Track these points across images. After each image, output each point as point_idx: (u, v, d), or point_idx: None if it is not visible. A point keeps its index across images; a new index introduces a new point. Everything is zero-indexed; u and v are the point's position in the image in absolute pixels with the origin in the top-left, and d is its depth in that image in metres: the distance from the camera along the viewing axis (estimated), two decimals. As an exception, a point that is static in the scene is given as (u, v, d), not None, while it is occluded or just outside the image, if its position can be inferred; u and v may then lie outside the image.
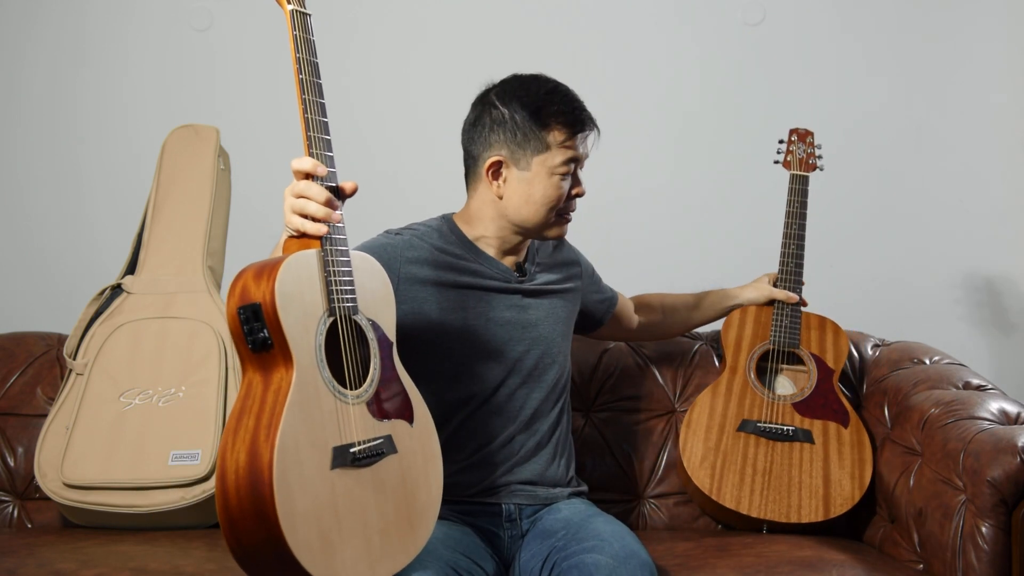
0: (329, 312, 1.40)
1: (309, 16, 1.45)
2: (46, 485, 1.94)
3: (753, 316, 2.18)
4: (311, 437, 1.34)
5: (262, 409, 1.33)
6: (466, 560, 1.57)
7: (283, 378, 1.35)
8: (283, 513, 1.27)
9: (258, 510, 1.27)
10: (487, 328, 1.76)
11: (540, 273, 1.86)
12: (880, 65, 2.79)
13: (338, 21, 2.80)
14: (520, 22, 2.80)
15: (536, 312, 1.82)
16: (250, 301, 1.34)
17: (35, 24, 2.81)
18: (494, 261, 1.80)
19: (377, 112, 2.81)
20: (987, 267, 2.79)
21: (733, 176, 2.78)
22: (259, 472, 1.28)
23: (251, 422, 1.32)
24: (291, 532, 1.27)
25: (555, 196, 1.72)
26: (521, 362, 1.78)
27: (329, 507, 1.34)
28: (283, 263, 1.35)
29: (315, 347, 1.37)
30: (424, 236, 1.78)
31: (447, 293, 1.75)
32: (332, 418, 1.38)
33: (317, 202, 1.37)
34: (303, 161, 1.39)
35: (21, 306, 2.78)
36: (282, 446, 1.29)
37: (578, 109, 1.73)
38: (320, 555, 1.30)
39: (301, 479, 1.30)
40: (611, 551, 1.54)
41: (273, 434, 1.29)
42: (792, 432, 2.03)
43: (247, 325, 1.34)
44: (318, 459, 1.34)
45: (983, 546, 1.70)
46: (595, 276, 2.04)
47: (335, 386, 1.39)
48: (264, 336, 1.34)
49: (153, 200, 2.23)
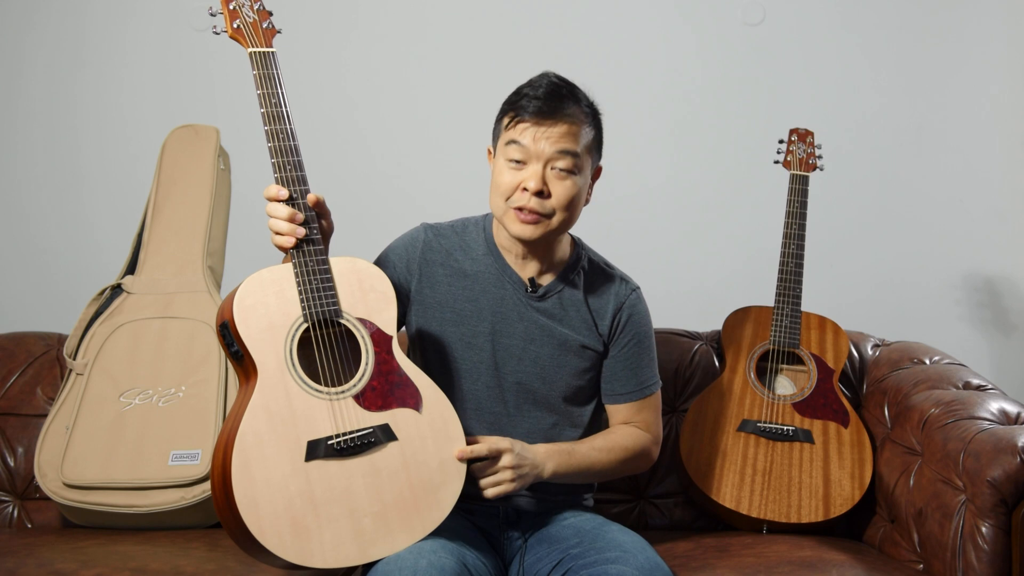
0: (304, 318, 1.54)
1: (272, 53, 1.63)
2: (46, 485, 1.94)
3: (753, 316, 2.18)
4: (277, 434, 1.48)
5: (235, 413, 1.49)
6: (472, 554, 1.58)
7: (252, 385, 1.50)
8: (243, 506, 1.43)
9: (228, 503, 1.44)
10: (470, 338, 1.76)
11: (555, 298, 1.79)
12: (880, 65, 2.79)
13: (337, 21, 2.80)
14: (520, 22, 2.80)
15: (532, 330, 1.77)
16: (223, 319, 1.53)
17: (35, 24, 2.81)
18: (508, 268, 1.78)
19: (379, 111, 2.81)
20: (987, 267, 2.79)
21: (733, 176, 2.78)
22: (225, 470, 1.44)
23: (227, 425, 1.50)
24: (254, 521, 1.43)
25: (502, 183, 1.68)
26: (506, 378, 1.76)
27: (303, 496, 1.47)
28: (244, 281, 1.53)
29: (285, 352, 1.52)
30: (445, 235, 1.81)
31: (444, 293, 1.77)
32: (306, 415, 1.51)
33: (280, 218, 1.55)
34: (268, 189, 1.57)
35: (21, 306, 2.78)
36: (240, 446, 1.45)
37: (527, 97, 1.67)
38: (291, 540, 1.44)
39: (265, 473, 1.45)
40: (636, 563, 1.53)
41: (233, 436, 1.45)
42: (792, 432, 2.03)
43: (225, 340, 1.53)
44: (288, 454, 1.48)
45: (983, 546, 1.70)
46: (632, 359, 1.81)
47: (310, 386, 1.52)
48: (235, 350, 1.52)
49: (153, 200, 2.23)
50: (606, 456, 1.76)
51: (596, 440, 1.78)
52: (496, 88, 1.78)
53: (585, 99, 1.72)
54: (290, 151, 1.58)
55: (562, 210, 1.68)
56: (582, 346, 1.78)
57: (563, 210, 1.68)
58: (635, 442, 1.80)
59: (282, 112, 1.59)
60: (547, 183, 1.66)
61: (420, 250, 1.79)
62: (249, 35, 1.62)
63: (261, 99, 1.58)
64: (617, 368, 1.81)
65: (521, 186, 1.66)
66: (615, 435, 1.80)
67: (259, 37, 1.63)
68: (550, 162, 1.66)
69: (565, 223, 1.71)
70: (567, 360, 1.77)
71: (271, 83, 1.60)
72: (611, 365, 1.81)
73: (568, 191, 1.67)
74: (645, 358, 1.83)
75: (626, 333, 1.80)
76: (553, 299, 1.78)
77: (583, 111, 1.70)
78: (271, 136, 1.57)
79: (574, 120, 1.67)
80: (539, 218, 1.67)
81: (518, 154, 1.66)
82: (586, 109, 1.71)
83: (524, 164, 1.66)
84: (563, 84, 1.71)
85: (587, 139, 1.70)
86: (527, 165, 1.66)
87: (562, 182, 1.67)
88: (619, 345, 1.80)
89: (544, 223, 1.68)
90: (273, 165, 1.56)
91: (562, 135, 1.65)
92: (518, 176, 1.66)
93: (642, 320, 1.83)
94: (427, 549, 1.49)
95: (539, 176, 1.65)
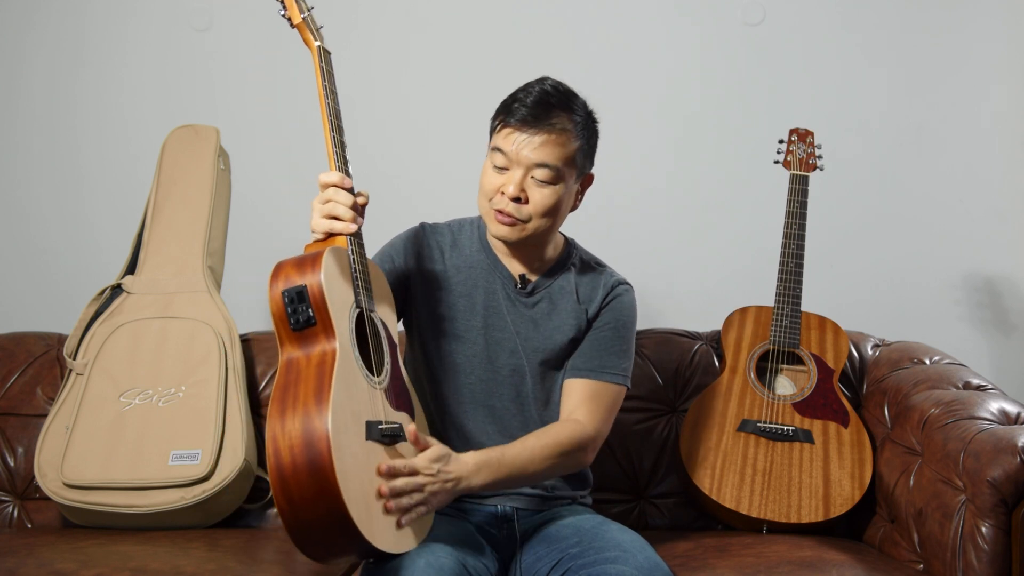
0: (356, 304, 1.54)
1: (330, 54, 1.64)
2: (46, 485, 1.94)
3: (753, 316, 2.18)
4: (352, 407, 1.43)
5: (308, 379, 1.41)
6: (471, 554, 1.58)
7: (326, 351, 1.45)
8: (341, 479, 1.34)
9: (318, 478, 1.33)
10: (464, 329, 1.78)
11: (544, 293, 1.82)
12: (880, 65, 2.79)
13: (336, 21, 2.80)
14: (520, 22, 2.80)
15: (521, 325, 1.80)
16: (294, 285, 1.47)
17: (35, 24, 2.81)
18: (499, 263, 1.82)
19: (375, 113, 2.80)
20: (987, 267, 2.79)
21: (733, 176, 2.78)
22: (317, 442, 1.34)
23: (300, 391, 1.40)
24: (350, 500, 1.34)
25: (484, 184, 1.72)
26: (499, 371, 1.78)
27: (368, 474, 1.43)
28: (326, 251, 1.49)
29: (349, 331, 1.49)
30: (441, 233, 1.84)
31: (440, 289, 1.79)
32: (364, 395, 1.48)
33: (345, 205, 1.53)
34: (330, 175, 1.55)
35: (21, 306, 2.78)
36: (335, 413, 1.37)
37: (518, 102, 1.70)
38: (366, 520, 1.38)
39: (350, 447, 1.39)
40: (635, 563, 1.53)
41: (325, 403, 1.37)
42: (792, 432, 2.03)
43: (291, 306, 1.46)
44: (356, 429, 1.43)
45: (983, 546, 1.70)
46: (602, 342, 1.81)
47: (364, 368, 1.50)
48: (309, 315, 1.46)
49: (153, 200, 2.23)
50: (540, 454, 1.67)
51: (529, 439, 1.69)
52: (496, 89, 1.78)
53: (580, 108, 1.73)
54: (344, 146, 1.60)
55: (538, 217, 1.71)
56: (571, 340, 1.81)
57: (539, 217, 1.71)
58: (569, 437, 1.71)
59: (339, 108, 1.62)
60: (525, 190, 1.69)
61: (417, 246, 1.82)
62: (312, 30, 1.64)
63: (325, 92, 1.60)
64: (585, 346, 1.80)
65: (500, 190, 1.70)
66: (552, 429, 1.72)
67: (318, 33, 1.65)
68: (530, 171, 1.69)
69: (543, 228, 1.73)
70: (557, 355, 1.80)
71: (332, 79, 1.63)
72: (586, 344, 1.81)
73: (545, 199, 1.70)
74: (616, 347, 1.80)
75: (604, 316, 1.82)
76: (543, 294, 1.82)
77: (572, 120, 1.70)
78: (333, 128, 1.59)
79: (559, 131, 1.68)
80: (515, 221, 1.71)
81: (501, 160, 1.71)
82: (577, 118, 1.71)
83: (506, 170, 1.70)
84: (555, 92, 1.72)
85: (571, 149, 1.70)
86: (508, 171, 1.70)
87: (540, 190, 1.70)
88: (596, 327, 1.81)
89: (520, 227, 1.72)
90: (334, 156, 1.58)
91: (543, 144, 1.68)
92: (499, 180, 1.71)
93: (624, 311, 1.83)
94: (426, 549, 1.49)
95: (518, 183, 1.69)
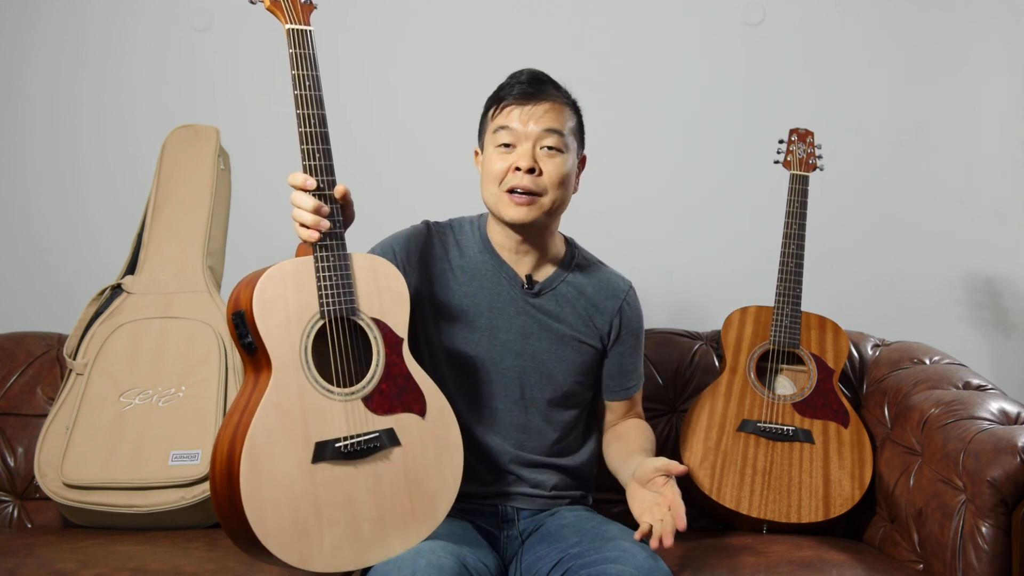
0: (320, 315, 1.49)
1: (309, 31, 1.50)
2: (46, 485, 1.94)
3: (753, 316, 2.18)
4: (287, 433, 1.44)
5: (245, 408, 1.45)
6: (471, 554, 1.58)
7: (264, 379, 1.46)
8: (249, 505, 1.39)
9: (231, 500, 1.40)
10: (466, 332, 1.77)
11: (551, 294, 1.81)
12: (880, 65, 2.79)
13: (329, 20, 2.80)
14: (520, 23, 2.80)
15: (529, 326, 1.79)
16: (238, 308, 1.46)
17: (35, 24, 2.81)
18: (504, 265, 1.80)
19: (368, 114, 2.80)
20: (987, 268, 2.79)
21: (733, 176, 2.78)
22: (232, 465, 1.40)
23: (235, 418, 1.45)
24: (258, 521, 1.40)
25: (496, 169, 1.72)
26: (504, 373, 1.78)
27: (307, 498, 1.44)
28: (266, 272, 1.46)
29: (300, 349, 1.47)
30: (444, 232, 1.84)
31: (442, 289, 1.78)
32: (316, 415, 1.47)
33: (305, 210, 1.48)
34: (294, 176, 1.50)
35: (21, 306, 2.78)
36: (251, 443, 1.41)
37: (510, 85, 1.74)
38: (293, 542, 1.42)
39: (272, 472, 1.42)
40: (635, 563, 1.53)
41: (244, 431, 1.41)
42: (792, 432, 2.03)
43: (238, 330, 1.47)
44: (296, 453, 1.44)
45: (983, 546, 1.70)
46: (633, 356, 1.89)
47: (322, 385, 1.48)
48: (249, 341, 1.46)
49: (153, 200, 2.23)
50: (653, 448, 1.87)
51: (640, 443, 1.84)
52: (494, 87, 1.79)
53: (566, 91, 1.79)
54: (321, 138, 1.49)
55: (554, 188, 1.71)
56: (579, 341, 1.81)
57: (555, 188, 1.72)
58: (650, 432, 1.90)
59: (316, 96, 1.49)
60: (538, 161, 1.70)
61: (421, 244, 1.81)
62: (287, 8, 1.50)
63: (296, 80, 1.48)
64: (625, 364, 1.88)
65: (512, 167, 1.70)
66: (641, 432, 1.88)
67: (297, 12, 1.51)
68: (539, 141, 1.71)
69: (557, 203, 1.74)
70: (565, 354, 1.80)
71: (307, 64, 1.49)
72: (617, 362, 1.87)
73: (558, 168, 1.71)
74: (637, 354, 1.92)
75: (627, 331, 1.87)
76: (549, 295, 1.81)
77: (564, 96, 1.77)
78: (303, 120, 1.47)
79: (557, 100, 1.73)
80: (533, 198, 1.70)
81: (507, 137, 1.71)
82: (567, 98, 1.77)
83: (513, 147, 1.71)
84: (542, 74, 1.78)
85: (571, 122, 1.75)
86: (516, 147, 1.71)
87: (552, 159, 1.71)
88: (623, 343, 1.87)
89: (538, 203, 1.71)
90: (302, 152, 1.47)
91: (547, 112, 1.71)
92: (509, 159, 1.71)
93: (638, 317, 1.90)
94: (426, 549, 1.49)
95: (529, 155, 1.70)
